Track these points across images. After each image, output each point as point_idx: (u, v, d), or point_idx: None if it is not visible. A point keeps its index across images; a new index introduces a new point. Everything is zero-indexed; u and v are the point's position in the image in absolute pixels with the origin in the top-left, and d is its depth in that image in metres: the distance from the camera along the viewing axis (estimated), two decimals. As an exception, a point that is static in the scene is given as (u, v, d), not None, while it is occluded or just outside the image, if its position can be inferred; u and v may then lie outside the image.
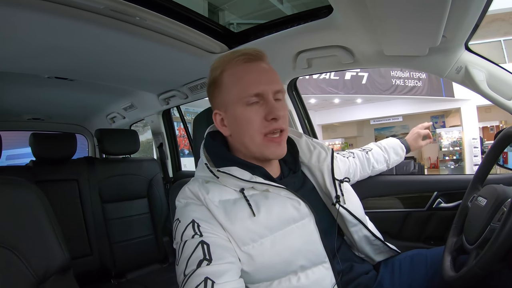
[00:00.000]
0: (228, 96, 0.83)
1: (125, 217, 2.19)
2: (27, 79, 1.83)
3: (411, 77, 9.09)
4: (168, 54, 1.44)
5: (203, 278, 0.67)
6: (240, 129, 0.83)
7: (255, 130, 0.81)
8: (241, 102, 0.81)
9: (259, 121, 0.80)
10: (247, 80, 0.81)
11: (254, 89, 0.80)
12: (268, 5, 1.93)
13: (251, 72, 0.82)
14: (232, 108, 0.83)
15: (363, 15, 0.97)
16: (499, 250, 0.68)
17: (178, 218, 0.79)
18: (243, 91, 0.80)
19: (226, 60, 0.84)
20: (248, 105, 0.80)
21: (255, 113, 0.80)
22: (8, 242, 0.69)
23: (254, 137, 0.81)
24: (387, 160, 1.37)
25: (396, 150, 1.39)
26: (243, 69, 0.82)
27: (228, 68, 0.83)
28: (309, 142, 1.02)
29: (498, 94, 1.10)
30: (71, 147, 2.10)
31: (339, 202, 0.90)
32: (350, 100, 10.33)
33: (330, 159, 0.97)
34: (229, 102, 0.83)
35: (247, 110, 0.81)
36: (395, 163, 1.41)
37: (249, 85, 0.80)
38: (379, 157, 1.36)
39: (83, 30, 1.15)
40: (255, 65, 0.83)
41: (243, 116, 0.81)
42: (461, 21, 0.93)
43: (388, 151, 1.38)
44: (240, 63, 0.82)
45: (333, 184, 0.93)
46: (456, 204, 1.30)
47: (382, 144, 1.40)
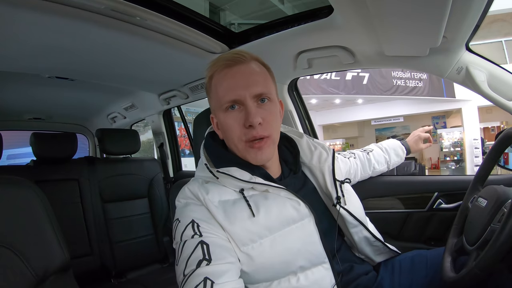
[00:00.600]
0: (212, 102, 0.86)
1: (126, 217, 2.19)
2: (28, 78, 1.84)
3: (412, 77, 9.09)
4: (168, 54, 1.44)
5: (202, 278, 0.67)
6: (226, 134, 0.83)
7: (236, 136, 0.80)
8: (221, 109, 0.81)
9: (238, 128, 0.80)
10: (224, 87, 0.80)
11: (229, 96, 0.79)
12: (268, 5, 1.93)
13: (226, 78, 0.80)
14: (217, 114, 0.84)
15: (363, 15, 0.97)
16: (499, 251, 0.68)
17: (178, 218, 0.79)
18: (220, 98, 0.80)
19: (213, 66, 0.83)
20: (227, 112, 0.80)
21: (234, 120, 0.80)
22: (8, 241, 0.69)
23: (237, 144, 0.81)
24: (388, 161, 1.38)
25: (397, 152, 1.39)
26: (222, 76, 0.81)
27: (214, 75, 0.83)
28: (310, 142, 1.01)
29: (499, 94, 1.10)
30: (72, 146, 2.10)
31: (340, 203, 0.90)
32: (351, 100, 10.32)
33: (331, 160, 0.97)
34: (214, 108, 0.85)
35: (227, 117, 0.80)
36: (396, 164, 1.42)
37: (225, 92, 0.79)
38: (380, 158, 1.37)
39: (84, 30, 1.15)
40: (235, 69, 0.80)
41: (224, 122, 0.81)
42: (462, 21, 0.93)
43: (389, 152, 1.38)
44: (221, 69, 0.81)
45: (334, 185, 0.93)
46: (456, 205, 1.30)
47: (383, 145, 1.40)
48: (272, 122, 0.82)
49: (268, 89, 0.82)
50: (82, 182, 2.08)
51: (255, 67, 0.83)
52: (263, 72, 0.84)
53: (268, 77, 0.85)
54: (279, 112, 0.88)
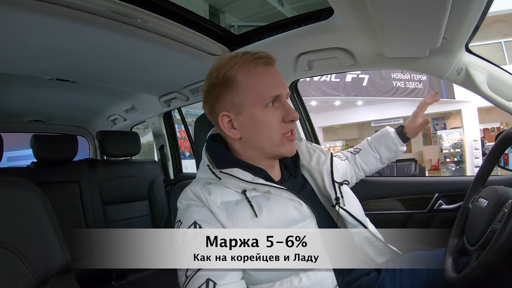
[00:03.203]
0: (244, 98, 0.81)
1: (126, 219, 2.19)
2: (28, 80, 1.84)
3: (412, 79, 9.12)
4: (169, 56, 1.45)
5: (204, 279, 0.67)
6: (258, 131, 0.83)
7: (275, 131, 0.82)
8: (260, 104, 0.81)
9: (277, 123, 0.82)
10: (266, 83, 0.81)
11: (273, 91, 0.81)
12: (268, 7, 1.93)
13: (269, 75, 0.83)
14: (249, 110, 0.82)
15: (363, 17, 0.98)
16: (500, 250, 0.68)
17: (180, 219, 0.79)
18: (263, 93, 0.80)
19: (241, 61, 0.81)
20: (266, 108, 0.81)
21: (273, 116, 0.82)
22: (9, 243, 0.69)
23: (274, 138, 0.83)
24: (379, 158, 1.31)
25: (388, 146, 1.29)
26: (262, 72, 0.82)
27: (244, 70, 0.81)
28: (309, 145, 1.03)
29: (499, 95, 1.11)
30: (72, 148, 2.10)
31: (339, 203, 0.90)
32: (351, 102, 10.35)
33: (329, 162, 0.98)
34: (245, 104, 0.82)
35: (266, 112, 0.81)
36: (392, 158, 1.33)
37: (269, 88, 0.81)
38: (367, 157, 1.31)
39: (85, 32, 1.15)
40: (272, 68, 0.85)
41: (263, 118, 0.81)
42: (461, 22, 0.93)
43: (378, 148, 1.31)
44: (258, 65, 0.82)
45: (333, 186, 0.93)
46: (457, 205, 1.30)
47: (372, 142, 1.33)
48: None
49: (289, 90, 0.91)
50: (83, 184, 2.07)
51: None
52: None
53: None
54: None
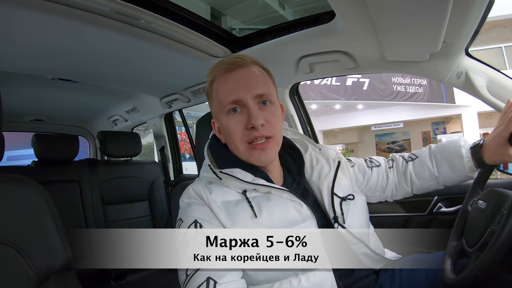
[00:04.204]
0: (213, 106, 0.87)
1: (126, 219, 2.20)
2: (30, 80, 1.85)
3: (412, 83, 9.13)
4: (171, 57, 1.46)
5: (205, 278, 0.67)
6: (227, 137, 0.84)
7: (238, 138, 0.81)
8: (222, 111, 0.82)
9: (240, 130, 0.80)
10: (225, 89, 0.81)
11: (230, 97, 0.80)
12: (270, 10, 1.94)
13: (228, 80, 0.82)
14: (218, 117, 0.85)
15: (365, 20, 0.98)
16: (499, 252, 0.68)
17: (181, 218, 0.79)
18: (221, 100, 0.82)
19: (213, 70, 0.85)
20: (228, 115, 0.81)
21: (236, 123, 0.81)
22: (11, 239, 0.69)
23: (239, 146, 0.82)
24: (436, 176, 1.02)
25: (452, 162, 0.98)
26: (223, 79, 0.83)
27: (215, 79, 0.84)
28: (313, 156, 0.97)
29: (498, 99, 1.11)
30: (73, 148, 2.11)
31: (338, 221, 0.87)
32: (351, 106, 10.35)
33: (332, 176, 0.92)
34: (216, 112, 0.86)
35: (229, 119, 0.81)
36: (452, 182, 1.01)
37: (226, 94, 0.81)
38: (422, 170, 1.04)
39: (88, 32, 1.16)
40: (235, 72, 0.82)
41: (226, 125, 0.82)
42: (461, 26, 0.94)
43: (439, 162, 1.02)
44: (222, 73, 0.83)
45: (332, 204, 0.88)
46: (456, 208, 1.31)
47: (434, 151, 1.04)
48: (274, 123, 0.82)
49: (269, 91, 0.83)
50: (83, 184, 2.08)
51: (256, 70, 0.84)
52: (263, 75, 0.85)
53: (268, 80, 0.86)
54: (280, 115, 0.88)
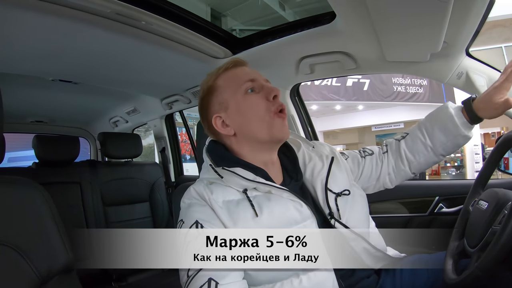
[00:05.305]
0: (225, 92, 0.87)
1: (127, 220, 2.20)
2: (31, 81, 1.85)
3: (413, 83, 9.11)
4: (172, 58, 1.46)
5: (206, 279, 0.67)
6: (246, 117, 0.85)
7: (263, 109, 0.84)
8: (240, 91, 0.85)
9: (263, 103, 0.84)
10: (239, 75, 0.88)
11: (246, 77, 0.86)
12: (270, 11, 1.94)
13: (237, 71, 0.89)
14: (233, 101, 0.86)
15: (365, 21, 0.99)
16: (501, 252, 0.68)
17: (182, 219, 0.79)
18: (238, 81, 0.86)
19: (216, 71, 0.90)
20: (247, 94, 0.85)
21: (257, 98, 0.85)
22: (12, 241, 0.69)
23: (264, 117, 0.84)
24: (430, 146, 0.97)
25: (443, 126, 0.94)
26: (234, 71, 0.89)
27: (220, 76, 0.89)
28: (306, 153, 0.98)
29: (499, 99, 1.11)
30: (74, 150, 2.11)
31: (334, 217, 0.87)
32: (351, 106, 10.34)
33: (325, 172, 0.92)
34: (228, 97, 0.87)
35: (249, 97, 0.85)
36: (450, 148, 0.95)
37: (242, 76, 0.87)
38: (414, 144, 0.99)
39: (89, 33, 1.16)
40: (237, 68, 0.90)
41: (247, 102, 0.85)
42: (462, 27, 0.94)
43: (430, 131, 0.97)
44: (229, 68, 0.89)
45: (326, 200, 0.89)
46: (457, 209, 1.31)
47: (424, 122, 1.01)
48: None
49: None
50: (84, 185, 2.09)
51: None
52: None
53: None
54: None
